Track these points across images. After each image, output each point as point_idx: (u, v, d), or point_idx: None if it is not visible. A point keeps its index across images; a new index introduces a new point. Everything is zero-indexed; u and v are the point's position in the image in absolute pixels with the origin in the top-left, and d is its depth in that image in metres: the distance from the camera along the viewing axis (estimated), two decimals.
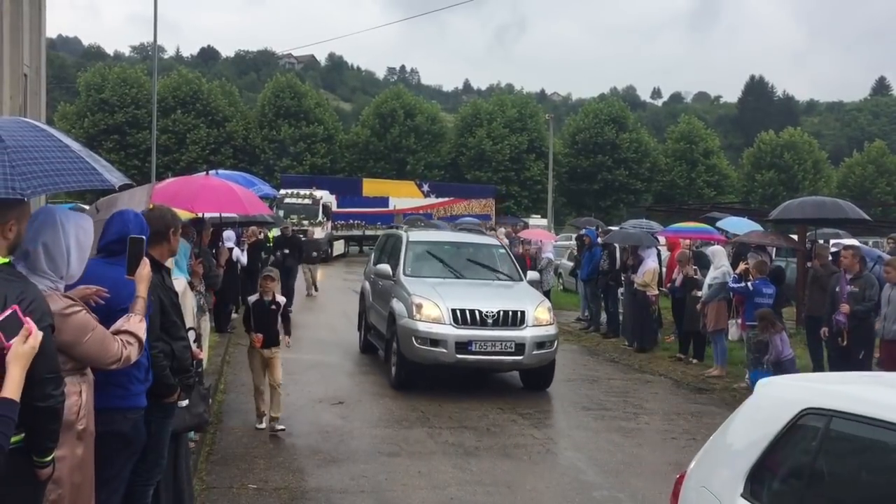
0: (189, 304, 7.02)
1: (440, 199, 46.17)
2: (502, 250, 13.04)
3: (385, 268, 11.96)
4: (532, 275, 12.72)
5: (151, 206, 4.97)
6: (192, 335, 4.99)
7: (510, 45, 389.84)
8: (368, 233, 42.35)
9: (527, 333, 10.44)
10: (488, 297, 10.87)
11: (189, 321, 6.64)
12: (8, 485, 2.79)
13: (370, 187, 44.22)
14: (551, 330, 10.80)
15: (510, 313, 10.53)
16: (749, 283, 11.18)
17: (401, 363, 10.63)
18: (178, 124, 55.35)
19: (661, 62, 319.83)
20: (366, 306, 13.51)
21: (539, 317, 10.68)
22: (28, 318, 2.78)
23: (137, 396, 4.02)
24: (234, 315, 15.06)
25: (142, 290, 3.84)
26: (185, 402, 4.84)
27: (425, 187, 46.98)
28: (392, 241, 13.37)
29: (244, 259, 16.71)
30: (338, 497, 6.63)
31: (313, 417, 9.15)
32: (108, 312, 3.74)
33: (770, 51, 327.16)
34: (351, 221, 41.22)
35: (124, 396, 3.92)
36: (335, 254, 38.00)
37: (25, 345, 2.72)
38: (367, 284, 13.66)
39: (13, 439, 2.78)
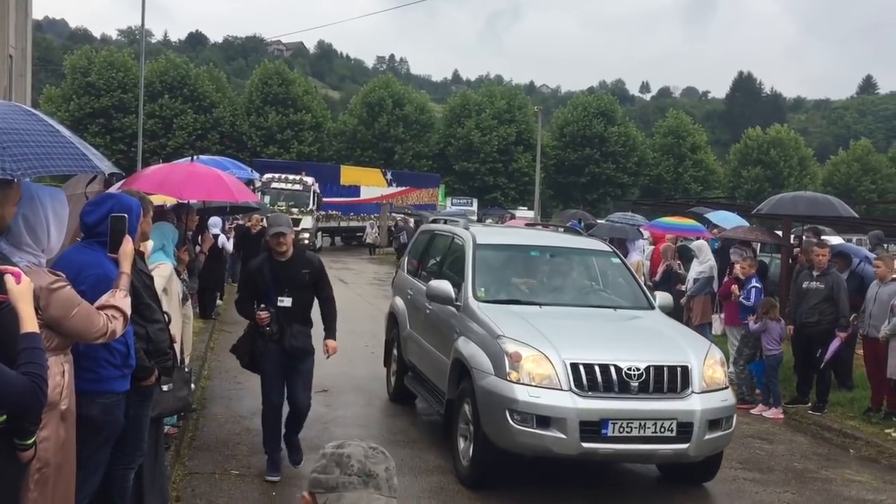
0: (175, 289, 7.01)
1: (399, 189, 45.52)
2: (616, 260, 8.58)
3: (442, 286, 7.65)
4: (663, 298, 8.17)
5: (121, 190, 4.94)
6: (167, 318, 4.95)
7: (500, 37, 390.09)
8: (343, 224, 40.36)
9: (695, 405, 6.36)
10: (623, 341, 7.02)
11: (175, 307, 6.63)
12: None
13: (347, 175, 42.72)
14: (729, 397, 6.73)
15: (665, 370, 6.42)
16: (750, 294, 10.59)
17: (482, 450, 6.56)
18: (165, 109, 54.99)
19: (650, 57, 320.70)
20: (401, 336, 9.20)
21: (710, 375, 6.59)
22: (4, 267, 2.86)
23: (110, 381, 3.98)
24: (218, 301, 15.06)
25: (125, 266, 3.86)
26: (167, 387, 4.83)
27: (389, 175, 46.16)
28: (443, 244, 9.13)
29: (230, 246, 16.77)
30: None
31: None
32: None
33: (758, 48, 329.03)
34: (330, 212, 38.90)
35: (93, 380, 3.89)
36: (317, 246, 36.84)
37: (20, 284, 2.81)
38: (401, 303, 9.46)
39: None
